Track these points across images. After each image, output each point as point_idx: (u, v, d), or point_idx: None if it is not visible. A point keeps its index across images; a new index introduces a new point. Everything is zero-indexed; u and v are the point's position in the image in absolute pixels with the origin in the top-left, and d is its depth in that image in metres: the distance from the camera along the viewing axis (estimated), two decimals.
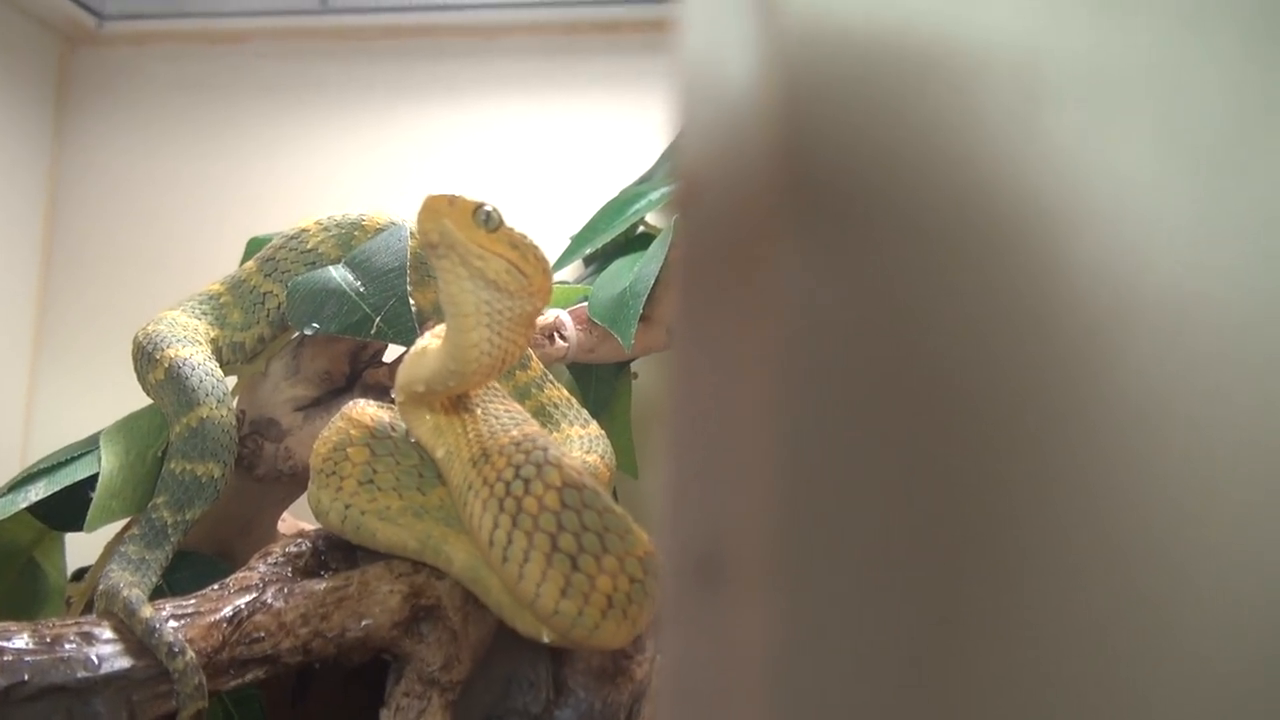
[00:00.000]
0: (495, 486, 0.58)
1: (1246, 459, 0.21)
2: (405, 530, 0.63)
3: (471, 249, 0.57)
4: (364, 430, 0.66)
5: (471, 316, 0.58)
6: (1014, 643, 0.20)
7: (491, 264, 0.57)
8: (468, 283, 0.58)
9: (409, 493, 0.64)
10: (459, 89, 1.23)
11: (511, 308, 0.59)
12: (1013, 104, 0.22)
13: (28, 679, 0.52)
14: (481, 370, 0.60)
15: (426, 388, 0.62)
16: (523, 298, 0.59)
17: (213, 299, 0.82)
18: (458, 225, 0.57)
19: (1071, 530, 0.21)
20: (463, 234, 0.57)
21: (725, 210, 0.23)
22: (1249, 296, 0.21)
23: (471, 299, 0.58)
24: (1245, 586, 0.21)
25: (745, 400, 0.22)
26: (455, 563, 0.62)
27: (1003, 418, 0.21)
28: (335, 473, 0.65)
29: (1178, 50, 0.22)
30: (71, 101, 1.29)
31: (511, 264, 0.58)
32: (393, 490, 0.64)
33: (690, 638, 0.21)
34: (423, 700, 0.61)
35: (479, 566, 0.61)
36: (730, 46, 0.23)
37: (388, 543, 0.64)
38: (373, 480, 0.64)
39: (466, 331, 0.59)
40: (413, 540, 0.63)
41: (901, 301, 0.22)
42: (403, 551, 0.64)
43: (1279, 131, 0.21)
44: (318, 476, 0.66)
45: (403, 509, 0.64)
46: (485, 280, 0.58)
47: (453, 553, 0.62)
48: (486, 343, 0.59)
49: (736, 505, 0.21)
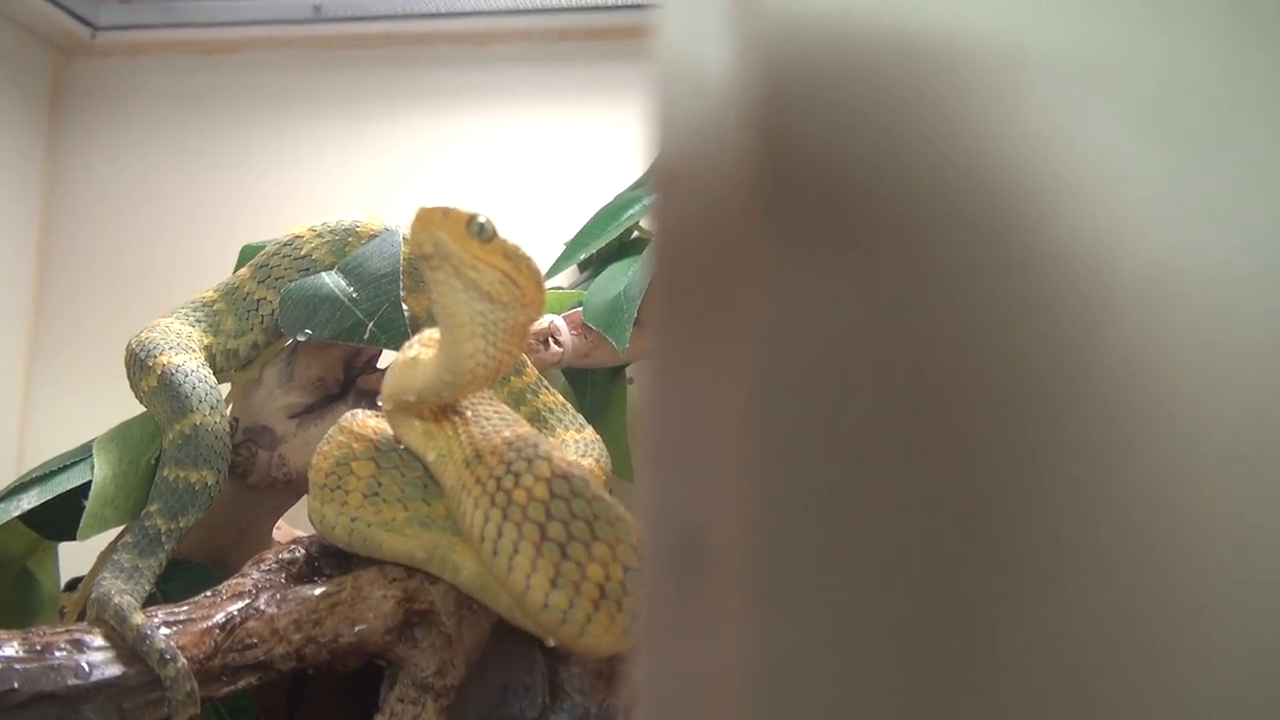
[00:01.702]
0: (487, 484, 0.58)
1: (1233, 440, 0.21)
2: (413, 540, 0.63)
3: (465, 260, 0.57)
4: (368, 444, 0.65)
5: (466, 327, 0.58)
6: (1004, 634, 0.20)
7: (485, 275, 0.57)
8: (461, 294, 0.58)
9: (414, 504, 0.64)
10: (452, 96, 1.23)
11: (505, 319, 0.59)
12: (993, 92, 0.22)
13: (17, 686, 0.51)
14: (476, 381, 0.60)
15: (418, 398, 0.62)
16: (516, 309, 0.59)
17: (206, 306, 0.82)
18: (451, 237, 0.57)
19: (1059, 513, 0.21)
20: (456, 245, 0.57)
21: (702, 204, 0.23)
22: (1228, 277, 0.21)
23: (466, 310, 0.58)
24: (1233, 572, 0.21)
25: (723, 395, 0.22)
26: (463, 572, 0.62)
27: (988, 403, 0.21)
28: (340, 487, 0.65)
29: (1157, 34, 0.22)
30: (66, 112, 1.29)
31: (505, 275, 0.58)
32: (398, 502, 0.64)
33: (669, 627, 0.21)
34: (417, 706, 0.61)
35: (486, 575, 0.61)
36: (707, 40, 0.23)
37: (394, 554, 0.64)
38: (378, 493, 0.64)
39: (461, 343, 0.59)
40: (420, 550, 0.63)
41: (882, 292, 0.22)
42: (409, 561, 0.64)
43: (1257, 114, 0.21)
44: (321, 492, 0.66)
45: (408, 520, 0.63)
46: (479, 291, 0.58)
47: (460, 562, 0.62)
48: (481, 353, 0.59)
49: (714, 496, 0.21)
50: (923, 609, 0.20)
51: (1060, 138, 0.22)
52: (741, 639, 0.20)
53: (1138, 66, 0.22)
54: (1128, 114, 0.22)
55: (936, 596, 0.20)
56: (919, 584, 0.20)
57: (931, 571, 0.20)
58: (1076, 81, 0.22)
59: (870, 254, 0.22)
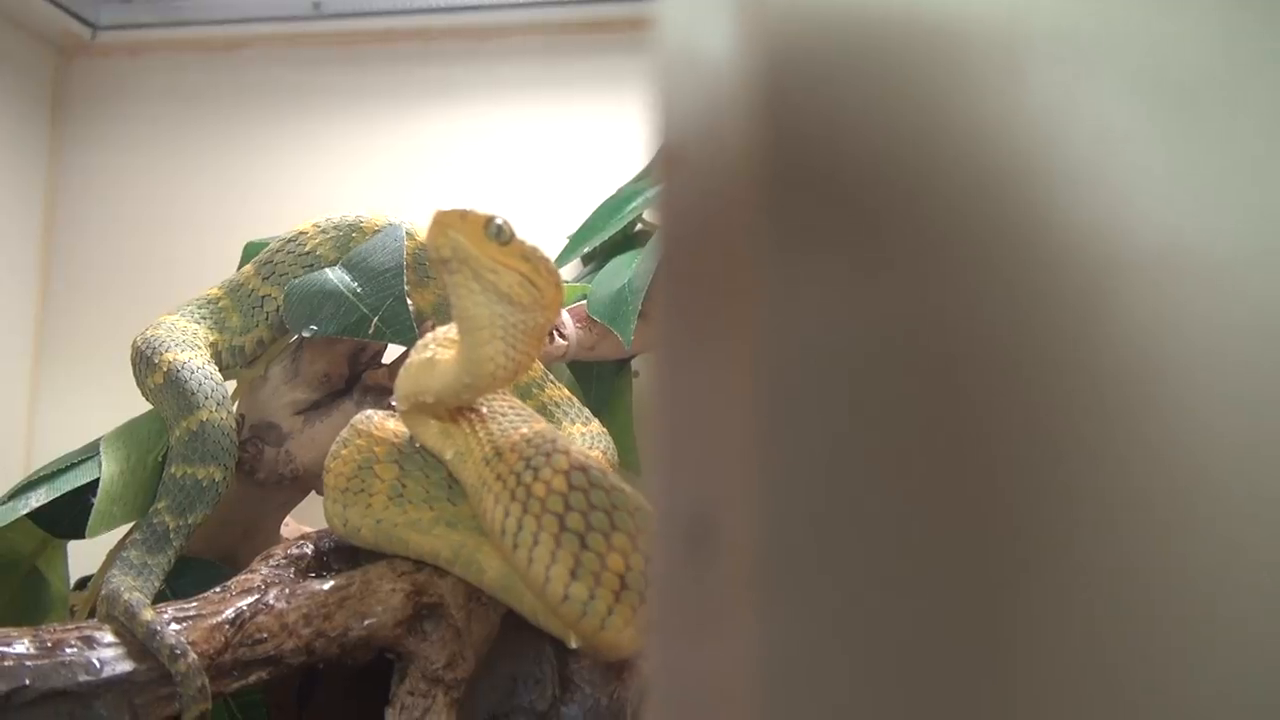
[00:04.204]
0: (507, 480, 0.58)
1: (1239, 421, 0.21)
2: (439, 540, 0.63)
3: (484, 263, 0.57)
4: (389, 447, 0.65)
5: (486, 330, 0.58)
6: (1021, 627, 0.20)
7: (504, 278, 0.57)
8: (481, 297, 0.57)
9: (440, 504, 0.64)
10: (454, 91, 1.23)
11: (525, 320, 0.59)
12: (995, 73, 0.22)
13: (29, 684, 0.52)
14: (495, 382, 0.60)
15: (437, 399, 0.62)
16: (535, 310, 0.59)
17: (211, 303, 0.82)
18: (470, 240, 0.56)
19: (1076, 505, 0.21)
20: (475, 248, 0.56)
21: (707, 193, 0.23)
22: (1233, 251, 0.20)
23: (485, 313, 0.58)
24: (1241, 584, 0.21)
25: (730, 387, 0.22)
26: (488, 573, 0.62)
27: (1001, 389, 0.21)
28: (364, 490, 0.65)
29: (1156, 12, 0.21)
30: (67, 112, 1.29)
31: (524, 277, 0.57)
32: (424, 503, 0.64)
33: (680, 620, 0.21)
34: (427, 699, 0.61)
35: (511, 575, 0.61)
36: (709, 26, 0.23)
37: (420, 552, 0.64)
38: (402, 494, 0.64)
39: (481, 345, 0.58)
40: (446, 549, 0.63)
41: (889, 279, 0.22)
42: (434, 561, 0.64)
43: (1259, 85, 0.21)
44: (343, 495, 0.66)
45: (435, 519, 0.63)
46: (499, 294, 0.57)
47: (485, 562, 0.62)
48: (501, 355, 0.59)
49: (723, 490, 0.21)
50: (935, 604, 0.20)
51: (1063, 118, 0.22)
52: (752, 632, 0.20)
53: (1139, 35, 0.22)
54: (1130, 84, 0.22)
55: (948, 591, 0.20)
56: (930, 578, 0.20)
57: (943, 565, 0.20)
58: (1078, 52, 0.22)
59: (876, 240, 0.22)
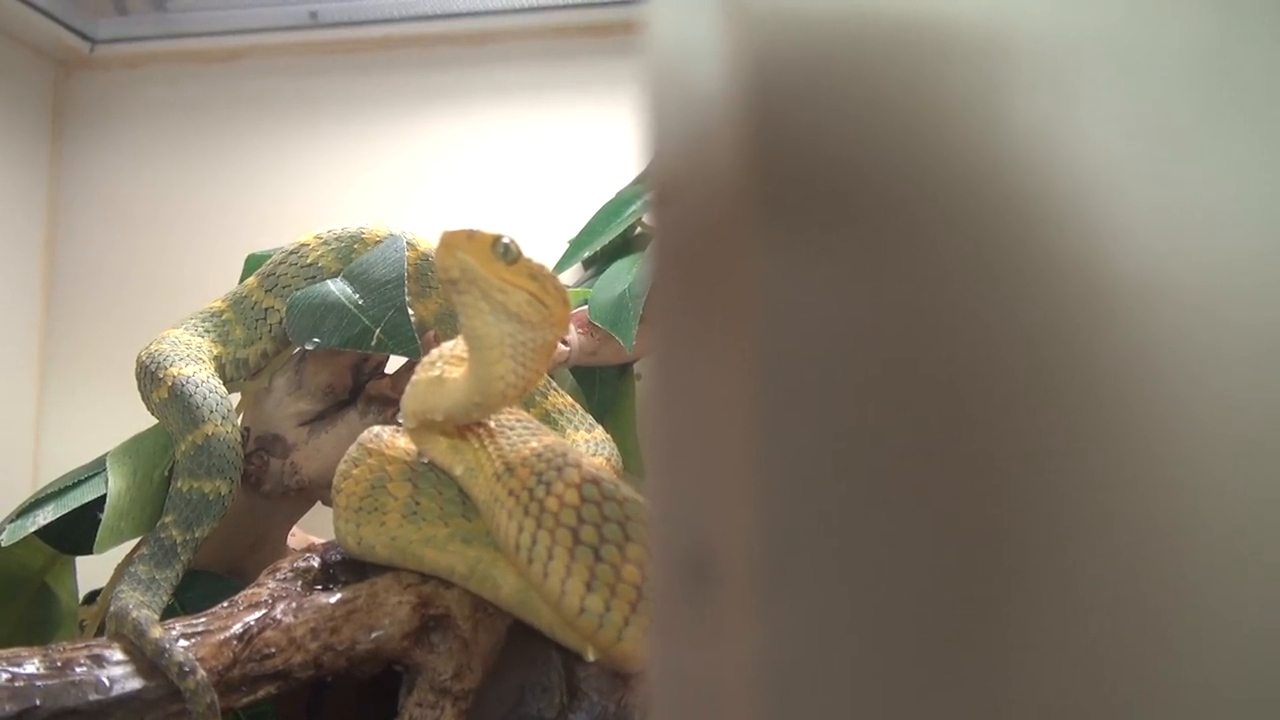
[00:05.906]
0: (520, 495, 0.58)
1: (1230, 444, 0.21)
2: (455, 556, 0.63)
3: (493, 283, 0.57)
4: (402, 465, 0.65)
5: (495, 349, 0.58)
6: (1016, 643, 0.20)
7: (513, 297, 0.57)
8: (490, 316, 0.57)
9: (455, 520, 0.64)
10: (452, 97, 1.23)
11: (533, 338, 0.59)
12: (983, 82, 0.21)
13: (39, 704, 0.52)
14: (505, 400, 0.60)
15: (446, 417, 0.62)
16: (544, 328, 0.59)
17: (215, 316, 0.82)
18: (478, 260, 0.56)
19: (1072, 516, 0.21)
20: (483, 268, 0.56)
21: (698, 201, 0.23)
22: (1218, 280, 0.20)
23: (495, 332, 0.58)
24: (1235, 585, 0.21)
25: (726, 399, 0.22)
26: (504, 588, 0.62)
27: (999, 396, 0.21)
28: (377, 509, 0.65)
29: (1144, 29, 0.21)
30: (67, 126, 1.30)
31: (532, 295, 0.57)
32: (439, 519, 0.64)
33: (680, 635, 0.21)
34: (436, 710, 0.61)
35: (527, 590, 0.61)
36: (697, 32, 0.23)
37: (435, 568, 0.64)
38: (417, 512, 0.64)
39: (491, 364, 0.58)
40: (462, 565, 0.63)
41: (881, 286, 0.22)
42: (450, 576, 0.64)
43: (1246, 112, 0.21)
44: (355, 515, 0.66)
45: (450, 535, 0.63)
46: (508, 313, 0.57)
47: (501, 578, 0.62)
48: (511, 374, 0.59)
49: (720, 503, 0.21)
50: (934, 617, 0.20)
51: (1050, 129, 0.22)
52: (752, 647, 0.20)
53: (1125, 60, 0.22)
54: (1115, 110, 0.22)
55: (947, 604, 0.20)
56: (930, 591, 0.20)
57: (942, 578, 0.20)
58: (1063, 75, 0.22)
59: (866, 246, 0.22)
